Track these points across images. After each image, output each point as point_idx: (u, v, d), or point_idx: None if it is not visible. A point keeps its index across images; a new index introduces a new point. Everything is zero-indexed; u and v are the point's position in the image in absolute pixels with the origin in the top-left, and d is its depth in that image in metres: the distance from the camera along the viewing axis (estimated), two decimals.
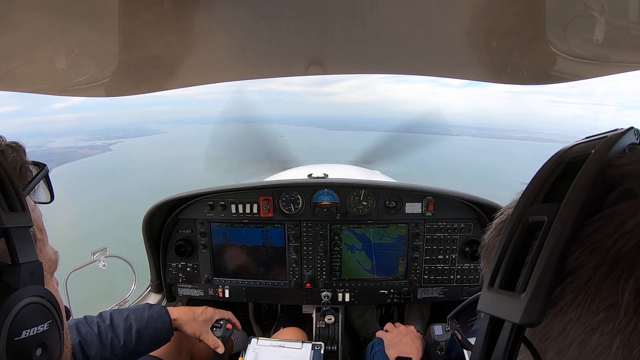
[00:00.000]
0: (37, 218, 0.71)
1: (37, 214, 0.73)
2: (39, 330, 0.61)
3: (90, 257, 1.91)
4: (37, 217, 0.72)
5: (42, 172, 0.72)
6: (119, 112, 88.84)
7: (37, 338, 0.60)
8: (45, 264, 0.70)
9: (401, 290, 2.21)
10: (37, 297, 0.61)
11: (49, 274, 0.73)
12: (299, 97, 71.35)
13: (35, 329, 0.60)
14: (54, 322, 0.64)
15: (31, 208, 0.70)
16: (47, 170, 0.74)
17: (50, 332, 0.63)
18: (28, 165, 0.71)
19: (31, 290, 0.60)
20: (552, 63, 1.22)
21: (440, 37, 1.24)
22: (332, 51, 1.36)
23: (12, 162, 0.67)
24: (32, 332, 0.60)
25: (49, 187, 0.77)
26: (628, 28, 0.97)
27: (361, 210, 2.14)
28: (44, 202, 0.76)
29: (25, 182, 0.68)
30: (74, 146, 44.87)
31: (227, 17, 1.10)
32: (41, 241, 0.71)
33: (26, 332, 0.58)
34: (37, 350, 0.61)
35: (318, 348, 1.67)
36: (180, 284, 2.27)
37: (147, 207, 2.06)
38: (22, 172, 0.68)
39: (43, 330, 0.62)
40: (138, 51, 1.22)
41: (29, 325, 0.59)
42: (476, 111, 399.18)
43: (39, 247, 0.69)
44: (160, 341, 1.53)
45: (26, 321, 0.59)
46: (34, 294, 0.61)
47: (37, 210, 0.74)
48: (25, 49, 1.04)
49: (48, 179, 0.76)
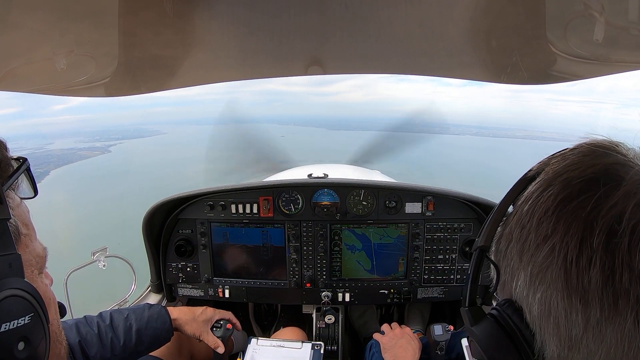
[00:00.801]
0: (22, 214, 0.71)
1: (22, 209, 0.72)
2: (20, 324, 0.60)
3: (90, 257, 1.91)
4: (23, 212, 0.72)
5: (23, 167, 0.71)
6: (119, 113, 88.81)
7: (17, 332, 0.59)
8: (32, 259, 0.71)
9: (401, 290, 2.21)
10: (16, 290, 0.60)
11: (37, 269, 0.73)
12: (299, 97, 70.63)
13: (15, 322, 0.59)
14: (36, 315, 0.63)
15: (16, 204, 0.70)
16: (28, 164, 0.73)
17: (33, 325, 0.62)
18: (9, 160, 0.70)
19: (9, 283, 0.59)
20: (552, 63, 1.22)
21: (440, 37, 1.24)
22: (332, 51, 1.36)
23: None
24: (12, 325, 0.58)
25: (32, 181, 0.76)
26: (628, 28, 0.97)
27: (361, 210, 2.14)
28: (28, 197, 0.75)
29: (5, 176, 0.68)
30: (73, 148, 44.83)
31: (227, 17, 1.10)
32: (27, 236, 0.71)
33: (5, 326, 0.57)
34: (19, 344, 0.60)
35: (318, 348, 1.67)
36: (180, 284, 2.26)
37: (144, 208, 2.06)
38: (2, 167, 0.68)
39: (24, 323, 0.60)
40: (138, 51, 1.22)
41: (7, 318, 0.58)
42: (477, 110, 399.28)
43: (24, 242, 0.69)
44: (160, 341, 1.53)
45: (4, 314, 0.58)
46: (13, 287, 0.60)
47: (23, 206, 0.73)
48: (25, 49, 1.04)
49: (30, 173, 0.75)
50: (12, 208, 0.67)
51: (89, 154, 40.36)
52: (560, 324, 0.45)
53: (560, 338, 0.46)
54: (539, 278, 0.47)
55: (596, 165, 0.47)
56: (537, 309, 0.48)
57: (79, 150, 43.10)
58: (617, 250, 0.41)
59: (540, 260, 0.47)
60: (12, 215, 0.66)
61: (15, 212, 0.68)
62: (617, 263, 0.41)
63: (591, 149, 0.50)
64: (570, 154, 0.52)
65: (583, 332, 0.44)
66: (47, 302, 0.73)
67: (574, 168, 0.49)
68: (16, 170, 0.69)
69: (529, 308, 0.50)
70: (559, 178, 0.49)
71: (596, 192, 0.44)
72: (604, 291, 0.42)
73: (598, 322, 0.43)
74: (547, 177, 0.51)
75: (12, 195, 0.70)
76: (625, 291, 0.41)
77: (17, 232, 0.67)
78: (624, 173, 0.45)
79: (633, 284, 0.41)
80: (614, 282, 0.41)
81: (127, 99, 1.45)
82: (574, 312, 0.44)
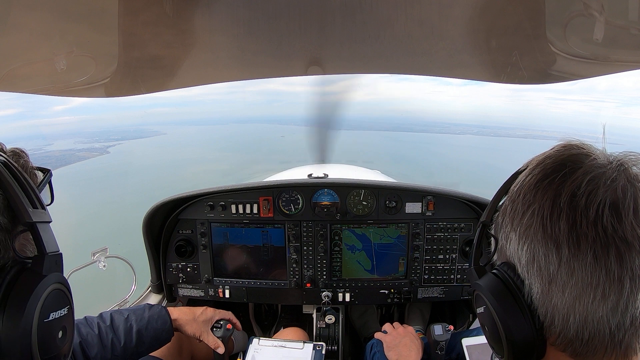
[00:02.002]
0: None
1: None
2: (62, 314, 0.68)
3: (91, 258, 1.91)
4: None
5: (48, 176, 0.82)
6: (120, 114, 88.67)
7: (60, 321, 0.67)
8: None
9: (401, 290, 2.21)
10: (59, 284, 0.68)
11: None
12: (299, 97, 72.40)
13: (59, 313, 0.67)
14: (71, 307, 0.71)
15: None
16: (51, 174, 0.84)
17: (69, 316, 0.70)
18: (33, 170, 0.80)
19: (55, 277, 0.67)
20: (552, 62, 1.22)
21: (440, 37, 1.24)
22: (332, 51, 1.36)
23: (23, 167, 0.76)
24: (57, 315, 0.66)
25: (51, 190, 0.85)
26: (627, 27, 0.97)
27: (361, 210, 2.14)
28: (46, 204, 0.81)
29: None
30: (71, 149, 44.66)
31: (227, 18, 1.10)
32: None
33: (53, 315, 0.65)
34: (59, 332, 0.67)
35: (319, 348, 1.67)
36: (180, 285, 2.26)
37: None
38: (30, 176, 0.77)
39: (64, 314, 0.68)
40: (138, 51, 1.22)
41: (54, 308, 0.66)
42: (477, 109, 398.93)
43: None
44: (160, 341, 1.53)
45: (52, 305, 0.66)
46: (58, 281, 0.68)
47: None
48: (25, 50, 1.04)
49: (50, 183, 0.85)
50: None
51: (87, 155, 40.22)
52: (541, 265, 0.61)
53: (542, 276, 0.61)
54: (525, 235, 0.63)
55: (564, 155, 0.65)
56: (525, 258, 0.63)
57: (77, 151, 42.95)
58: (577, 206, 0.57)
59: (525, 221, 0.63)
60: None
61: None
62: (577, 215, 0.57)
63: (564, 145, 0.67)
64: (549, 150, 0.69)
65: (557, 268, 0.59)
66: None
67: (549, 158, 0.66)
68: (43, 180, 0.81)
69: (519, 261, 0.65)
70: (539, 166, 0.66)
71: (563, 171, 0.61)
72: (570, 235, 0.58)
73: (568, 259, 0.58)
74: (531, 166, 0.68)
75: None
76: (584, 234, 0.57)
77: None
78: (584, 159, 0.62)
79: (590, 229, 0.56)
80: (576, 228, 0.57)
81: (128, 99, 1.45)
82: (549, 254, 0.60)
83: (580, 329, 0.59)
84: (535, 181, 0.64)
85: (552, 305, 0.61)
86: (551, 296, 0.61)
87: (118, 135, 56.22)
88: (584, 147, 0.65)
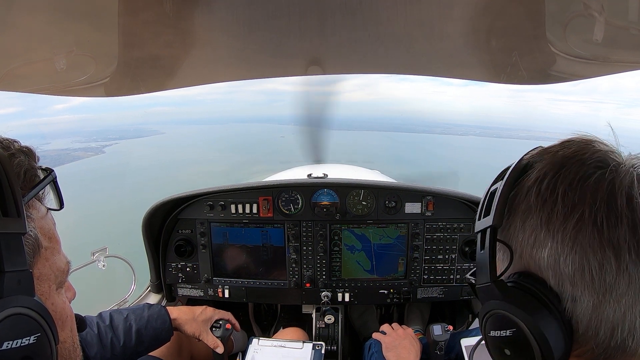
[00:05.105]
0: (45, 226, 0.69)
1: (46, 221, 0.70)
2: (23, 344, 0.56)
3: (90, 258, 1.91)
4: (47, 224, 0.70)
5: (48, 178, 0.69)
6: (120, 113, 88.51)
7: (20, 351, 0.56)
8: (51, 273, 0.68)
9: (401, 290, 2.21)
10: (22, 308, 0.57)
11: (55, 284, 0.70)
12: (298, 97, 72.11)
13: (20, 342, 0.56)
14: (43, 335, 0.59)
15: (41, 215, 0.68)
16: (54, 175, 0.71)
17: (38, 346, 0.59)
18: (36, 171, 0.68)
19: (16, 301, 0.57)
20: (552, 63, 1.22)
21: (440, 37, 1.24)
22: (332, 51, 1.36)
23: (17, 166, 0.64)
24: (15, 344, 0.55)
25: (58, 193, 0.74)
26: (627, 27, 0.97)
27: (361, 210, 2.14)
28: (54, 209, 0.73)
29: (29, 187, 0.66)
30: (68, 148, 44.05)
31: (227, 17, 1.10)
32: (49, 249, 0.68)
33: (7, 344, 0.55)
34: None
35: (319, 348, 1.67)
36: (180, 284, 2.26)
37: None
38: (27, 177, 0.66)
39: (28, 343, 0.57)
40: (138, 51, 1.22)
41: (10, 337, 0.55)
42: (479, 110, 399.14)
43: (44, 256, 0.67)
44: (160, 341, 1.53)
45: (8, 333, 0.55)
46: (19, 305, 0.57)
47: (48, 218, 0.71)
48: (25, 49, 1.04)
49: (56, 185, 0.73)
50: (34, 220, 0.65)
51: (82, 154, 39.80)
52: (594, 275, 0.54)
53: (594, 287, 0.55)
54: (572, 240, 0.55)
55: (599, 151, 0.60)
56: (570, 268, 0.56)
57: (73, 150, 42.42)
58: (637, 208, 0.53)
59: (571, 226, 0.56)
60: (33, 228, 0.64)
61: (38, 224, 0.66)
62: (637, 217, 0.53)
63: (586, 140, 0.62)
64: (569, 144, 0.63)
65: (615, 276, 0.53)
66: (62, 320, 0.71)
67: (582, 153, 0.60)
68: (40, 182, 0.67)
69: (558, 271, 0.57)
70: (571, 160, 0.59)
71: (607, 170, 0.56)
72: (631, 240, 0.53)
73: (627, 265, 0.53)
74: (555, 161, 0.61)
75: (38, 206, 0.68)
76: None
77: (36, 245, 0.65)
78: (618, 158, 0.59)
79: None
80: (637, 231, 0.53)
81: (128, 99, 1.45)
82: (606, 262, 0.54)
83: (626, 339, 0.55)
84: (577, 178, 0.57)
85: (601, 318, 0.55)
86: (603, 308, 0.55)
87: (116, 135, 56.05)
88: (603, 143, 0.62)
